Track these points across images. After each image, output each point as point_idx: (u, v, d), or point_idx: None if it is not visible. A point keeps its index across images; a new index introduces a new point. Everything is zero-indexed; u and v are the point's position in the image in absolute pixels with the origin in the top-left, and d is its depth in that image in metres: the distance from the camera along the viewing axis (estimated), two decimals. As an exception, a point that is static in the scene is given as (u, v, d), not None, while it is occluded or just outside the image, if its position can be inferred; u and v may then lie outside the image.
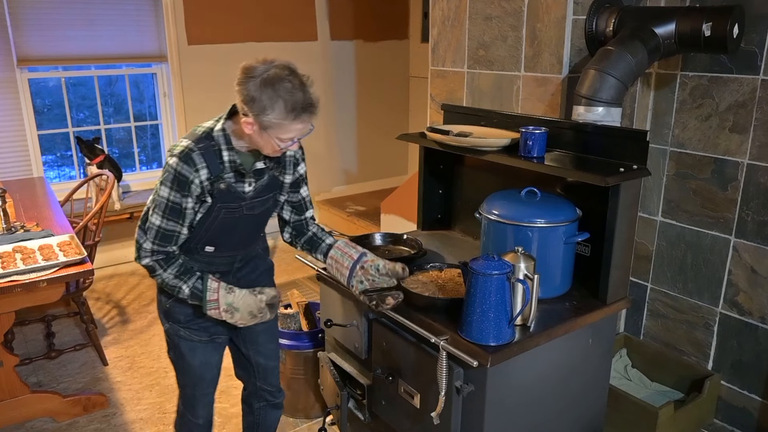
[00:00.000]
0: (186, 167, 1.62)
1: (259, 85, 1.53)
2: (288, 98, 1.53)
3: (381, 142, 5.70)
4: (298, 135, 1.62)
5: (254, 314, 1.74)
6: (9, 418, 2.59)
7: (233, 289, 1.74)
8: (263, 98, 1.52)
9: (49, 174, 4.68)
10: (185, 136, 1.68)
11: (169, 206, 1.65)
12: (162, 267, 1.70)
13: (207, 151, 1.64)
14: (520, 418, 1.78)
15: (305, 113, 1.57)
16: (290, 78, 1.55)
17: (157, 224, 1.67)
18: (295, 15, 4.97)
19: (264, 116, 1.54)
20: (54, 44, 4.15)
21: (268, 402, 2.08)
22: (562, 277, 1.87)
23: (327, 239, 1.93)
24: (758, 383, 2.46)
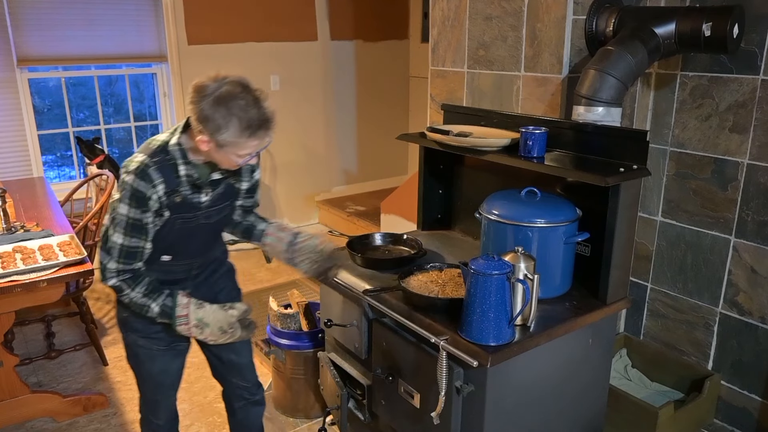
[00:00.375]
0: (143, 183, 1.61)
1: (212, 103, 1.51)
2: (242, 116, 1.52)
3: (381, 142, 5.70)
4: (255, 150, 1.61)
5: (224, 330, 1.74)
6: (9, 418, 2.59)
7: (203, 305, 1.74)
8: (217, 117, 1.51)
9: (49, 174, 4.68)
10: (140, 150, 1.67)
11: (130, 223, 1.63)
12: (130, 287, 1.68)
13: (163, 166, 1.63)
14: (520, 418, 1.79)
15: (261, 130, 1.56)
16: (243, 95, 1.53)
17: (119, 242, 1.64)
18: (295, 15, 4.97)
19: (219, 135, 1.53)
20: (54, 44, 4.15)
21: (248, 400, 2.07)
22: (562, 277, 1.87)
23: (260, 225, 1.93)
24: (758, 383, 2.46)
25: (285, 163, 5.22)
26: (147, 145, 1.67)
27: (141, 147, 1.68)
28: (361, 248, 2.27)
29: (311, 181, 5.44)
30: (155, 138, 1.70)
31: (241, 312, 1.76)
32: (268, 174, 5.15)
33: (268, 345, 2.67)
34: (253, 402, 2.09)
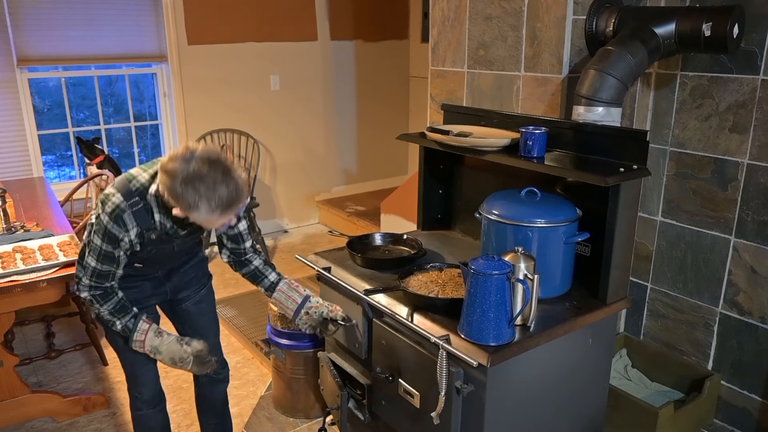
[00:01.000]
0: (116, 227, 1.68)
1: (181, 183, 1.54)
2: (211, 196, 1.55)
3: (381, 142, 5.70)
4: (221, 224, 1.66)
5: (175, 361, 1.85)
6: (9, 418, 2.59)
7: (161, 334, 1.86)
8: (187, 197, 1.55)
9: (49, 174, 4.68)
10: (118, 187, 1.70)
11: (103, 254, 1.73)
12: (99, 302, 1.80)
13: (138, 211, 1.68)
14: (520, 418, 1.79)
15: (230, 208, 1.60)
16: (211, 173, 1.55)
17: (92, 265, 1.75)
18: (295, 15, 4.97)
19: (190, 213, 1.58)
20: (54, 44, 4.15)
21: (211, 378, 2.17)
22: (562, 277, 1.88)
23: (270, 276, 2.04)
24: (758, 383, 2.46)
25: (285, 163, 5.22)
26: (126, 184, 1.70)
27: (119, 183, 1.71)
28: (361, 248, 2.27)
29: (311, 181, 5.44)
30: (135, 177, 1.72)
31: (195, 350, 1.86)
32: (268, 174, 5.16)
33: (268, 345, 2.67)
34: (217, 380, 2.20)
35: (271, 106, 5.01)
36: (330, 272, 2.15)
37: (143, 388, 2.05)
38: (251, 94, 4.87)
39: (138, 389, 2.06)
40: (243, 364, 3.17)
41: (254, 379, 3.04)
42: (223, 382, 2.23)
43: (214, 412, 2.28)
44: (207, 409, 2.28)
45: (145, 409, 2.09)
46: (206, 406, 2.27)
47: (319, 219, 5.57)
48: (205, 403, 2.27)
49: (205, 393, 2.24)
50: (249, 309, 3.73)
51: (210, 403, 2.26)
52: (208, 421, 2.30)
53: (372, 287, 1.97)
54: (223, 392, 2.26)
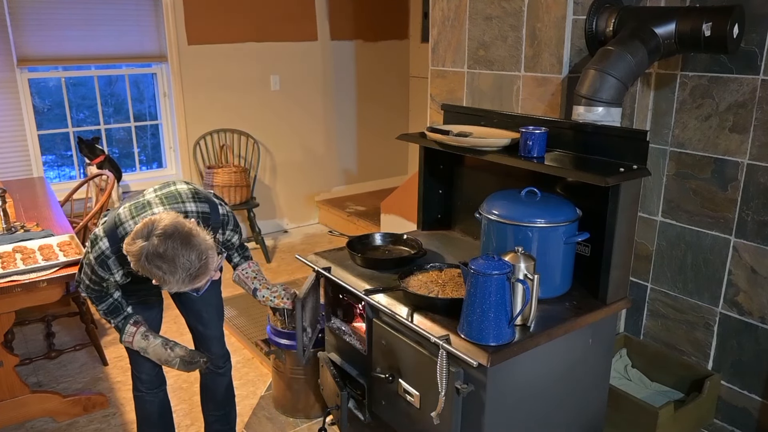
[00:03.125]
0: (101, 270, 1.79)
1: (144, 262, 1.60)
2: (173, 270, 1.60)
3: (381, 142, 5.70)
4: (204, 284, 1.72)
5: (161, 362, 1.99)
6: (9, 418, 2.59)
7: (148, 337, 1.97)
8: (154, 273, 1.62)
9: (49, 174, 4.68)
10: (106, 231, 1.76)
11: (93, 280, 1.85)
12: (94, 303, 1.94)
13: (123, 257, 1.71)
14: (520, 418, 1.79)
15: (197, 277, 1.65)
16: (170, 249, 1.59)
17: (86, 282, 1.88)
18: (295, 15, 4.97)
19: (162, 286, 1.66)
20: (54, 44, 4.15)
21: (212, 370, 2.25)
22: (562, 277, 1.87)
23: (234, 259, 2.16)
24: (758, 383, 2.46)
25: (285, 163, 5.22)
26: (113, 230, 1.76)
27: (108, 227, 1.77)
28: (361, 248, 2.27)
29: (311, 181, 5.44)
30: (123, 223, 1.77)
31: (178, 355, 1.97)
32: (268, 174, 5.16)
33: (268, 345, 2.67)
34: (218, 373, 2.27)
35: (271, 106, 5.01)
36: (330, 272, 2.16)
37: (141, 366, 2.11)
38: (251, 94, 4.87)
39: (138, 368, 2.12)
40: (243, 364, 3.17)
41: (254, 379, 3.04)
42: (223, 375, 2.28)
43: (215, 404, 2.32)
44: (209, 398, 2.32)
45: (144, 390, 2.16)
46: (208, 395, 2.32)
47: (319, 219, 5.57)
48: (207, 392, 2.32)
49: (207, 383, 2.30)
50: (249, 309, 3.73)
51: (212, 392, 2.31)
52: (209, 412, 2.34)
53: (372, 287, 1.97)
54: (224, 385, 2.30)
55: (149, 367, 2.12)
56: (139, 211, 1.79)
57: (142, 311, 2.05)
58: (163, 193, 1.85)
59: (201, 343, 2.22)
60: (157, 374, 2.17)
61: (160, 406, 2.22)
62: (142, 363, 2.10)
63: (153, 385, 2.17)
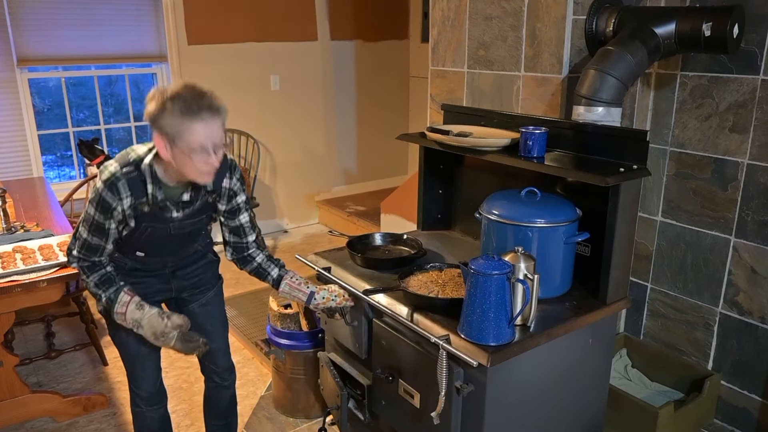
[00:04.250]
0: (110, 195, 1.69)
1: (157, 102, 1.61)
2: (182, 103, 1.60)
3: (381, 142, 5.70)
4: (205, 139, 1.63)
5: (156, 336, 1.81)
6: (9, 418, 2.59)
7: (143, 307, 1.82)
8: (163, 111, 1.60)
9: (49, 174, 4.68)
10: (117, 158, 1.74)
11: (94, 224, 1.74)
12: (86, 274, 1.82)
13: (132, 180, 1.70)
14: (520, 417, 1.79)
15: (203, 111, 1.61)
16: (184, 90, 1.62)
17: (84, 237, 1.77)
18: (295, 15, 4.97)
19: (164, 122, 1.60)
20: (54, 44, 4.15)
21: (216, 383, 2.20)
22: (562, 277, 1.87)
23: (273, 272, 2.02)
24: (758, 383, 2.46)
25: (285, 163, 5.22)
26: (125, 155, 1.74)
27: (119, 155, 1.76)
28: (361, 248, 2.27)
29: (311, 181, 5.44)
30: (135, 149, 1.76)
31: (175, 324, 1.82)
32: (268, 174, 5.16)
33: (268, 345, 2.67)
34: (222, 386, 2.22)
35: (271, 106, 5.01)
36: (330, 272, 2.16)
37: (142, 384, 2.06)
38: (251, 94, 4.87)
39: (137, 386, 2.06)
40: (243, 364, 3.17)
41: (254, 379, 3.04)
42: (227, 388, 2.24)
43: (217, 415, 2.29)
44: (211, 409, 2.29)
45: (144, 406, 2.09)
46: (210, 407, 2.29)
47: (319, 219, 5.57)
48: (210, 404, 2.29)
49: (210, 396, 2.26)
50: (249, 309, 3.74)
51: (215, 405, 2.28)
52: (211, 422, 2.31)
53: (372, 287, 1.97)
54: (227, 397, 2.26)
55: (149, 384, 2.06)
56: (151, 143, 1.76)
57: None
58: None
59: (205, 356, 2.13)
60: (158, 390, 2.10)
61: (161, 422, 2.15)
62: (143, 377, 2.04)
63: (153, 401, 2.09)
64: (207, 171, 1.68)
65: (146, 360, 2.03)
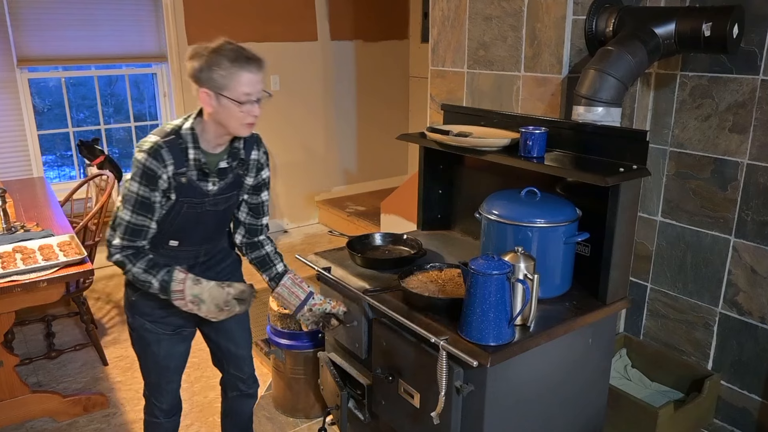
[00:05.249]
0: (154, 162, 1.67)
1: (203, 55, 1.64)
2: (230, 54, 1.63)
3: (381, 142, 5.70)
4: (251, 88, 1.66)
5: (221, 307, 1.76)
6: (9, 418, 2.59)
7: (200, 281, 1.76)
8: (209, 63, 1.63)
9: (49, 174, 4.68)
10: (154, 132, 1.74)
11: (139, 201, 1.69)
12: (131, 262, 1.73)
13: (173, 148, 1.70)
14: (520, 418, 1.79)
15: (250, 63, 1.65)
16: (230, 43, 1.67)
17: (126, 219, 1.71)
18: (295, 15, 4.97)
19: (213, 74, 1.62)
20: (54, 44, 4.15)
21: (241, 392, 2.13)
22: (562, 277, 1.87)
23: (278, 266, 2.00)
24: (758, 383, 2.46)
25: (285, 163, 5.22)
26: (161, 128, 1.74)
27: (155, 130, 1.75)
28: (361, 248, 2.27)
29: (311, 181, 5.44)
30: (171, 122, 1.77)
31: (238, 291, 1.79)
32: (268, 174, 5.15)
33: (268, 345, 2.67)
34: (246, 395, 2.15)
35: (271, 106, 5.00)
36: (330, 272, 2.16)
37: (164, 398, 2.00)
38: (251, 94, 4.86)
39: (159, 398, 2.00)
40: (243, 364, 3.17)
41: (254, 379, 3.04)
42: (253, 397, 2.17)
43: (240, 429, 2.21)
44: (233, 424, 2.20)
45: (162, 418, 2.03)
46: (234, 420, 2.20)
47: (319, 219, 5.57)
48: (231, 417, 2.19)
49: (233, 407, 2.17)
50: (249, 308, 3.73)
51: (238, 417, 2.19)
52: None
53: (372, 287, 1.97)
54: (250, 407, 2.19)
55: (172, 397, 2.01)
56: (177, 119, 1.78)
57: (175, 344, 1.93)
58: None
59: (231, 364, 2.08)
60: (178, 401, 2.06)
61: (174, 430, 2.10)
62: (166, 391, 1.99)
63: (172, 412, 2.05)
64: (249, 122, 1.70)
65: (174, 374, 1.99)
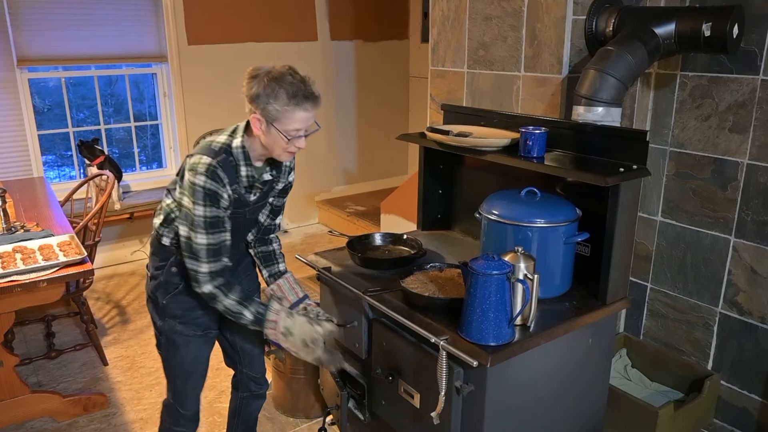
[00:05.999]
0: (214, 183, 1.68)
1: (262, 80, 1.64)
2: (289, 88, 1.63)
3: (381, 142, 5.70)
4: (302, 125, 1.69)
5: (306, 342, 1.80)
6: (9, 418, 2.59)
7: (293, 315, 1.82)
8: (267, 91, 1.63)
9: (49, 174, 4.68)
10: (201, 152, 1.71)
11: (209, 221, 1.69)
12: (224, 294, 1.74)
13: (226, 166, 1.71)
14: (520, 418, 1.79)
15: (307, 101, 1.66)
16: (291, 73, 1.66)
17: (204, 243, 1.70)
18: (295, 15, 4.97)
19: (269, 106, 1.64)
20: (54, 44, 4.15)
21: (252, 392, 2.16)
22: (562, 277, 1.88)
23: (281, 265, 2.04)
24: (758, 383, 2.46)
25: (285, 163, 5.21)
26: (208, 147, 1.73)
27: (201, 149, 1.73)
28: (361, 248, 2.27)
29: (311, 181, 5.44)
30: (213, 140, 1.76)
31: (326, 331, 1.83)
32: (268, 174, 5.15)
33: (268, 345, 2.67)
34: (257, 395, 2.17)
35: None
36: (330, 272, 2.16)
37: (189, 404, 2.00)
38: (251, 94, 4.86)
39: (183, 404, 1.99)
40: (243, 364, 3.17)
41: (254, 379, 3.04)
42: (262, 397, 2.20)
43: (246, 428, 2.22)
44: (240, 424, 2.21)
45: (187, 426, 2.02)
46: (242, 420, 2.20)
47: (319, 219, 5.57)
48: (240, 418, 2.20)
49: (242, 408, 2.18)
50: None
51: (246, 418, 2.20)
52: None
53: (372, 287, 1.97)
54: (259, 408, 2.22)
55: (195, 402, 2.02)
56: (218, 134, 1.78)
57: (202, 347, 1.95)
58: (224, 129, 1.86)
59: (244, 362, 2.11)
60: (199, 409, 2.06)
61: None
62: (190, 398, 1.99)
63: (195, 419, 2.05)
64: (293, 152, 1.74)
65: (200, 379, 2.00)
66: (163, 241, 1.84)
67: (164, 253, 1.85)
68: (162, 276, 1.85)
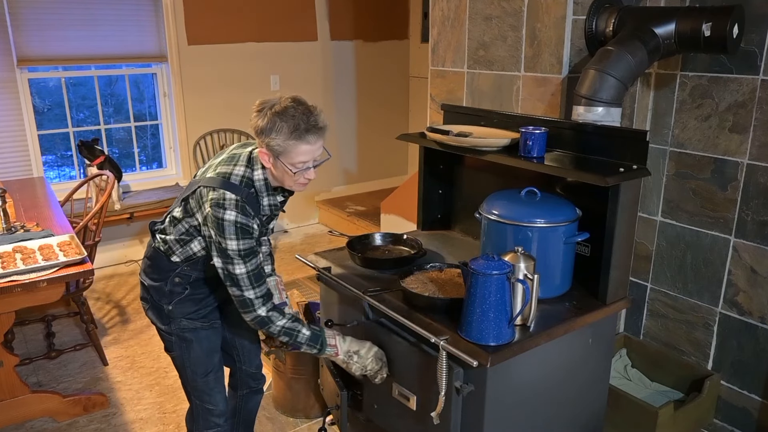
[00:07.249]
0: (245, 218, 1.71)
1: (266, 114, 1.67)
2: (291, 122, 1.65)
3: (381, 142, 5.70)
4: (308, 157, 1.72)
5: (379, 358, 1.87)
6: (9, 418, 2.59)
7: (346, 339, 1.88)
8: (270, 125, 1.65)
9: (49, 174, 4.68)
10: (221, 187, 1.71)
11: (244, 252, 1.71)
12: (273, 322, 1.77)
13: (250, 199, 1.75)
14: (520, 418, 1.79)
15: (309, 134, 1.67)
16: (294, 106, 1.67)
17: (245, 271, 1.72)
18: (295, 15, 4.97)
19: (271, 141, 1.66)
20: (54, 44, 4.15)
21: (251, 389, 2.18)
22: (562, 277, 1.87)
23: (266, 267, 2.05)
24: (758, 383, 2.46)
25: (285, 163, 5.21)
26: (225, 181, 1.73)
27: (216, 182, 1.73)
28: (361, 248, 2.27)
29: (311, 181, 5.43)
30: (230, 173, 1.75)
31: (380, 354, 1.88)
32: (268, 174, 5.15)
33: (266, 344, 2.67)
34: (256, 390, 2.20)
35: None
36: (330, 272, 2.15)
37: (218, 399, 2.00)
38: (251, 94, 4.86)
39: (213, 402, 2.00)
40: (243, 364, 3.17)
41: (254, 379, 3.04)
42: (260, 392, 2.24)
43: (246, 426, 2.24)
44: (241, 421, 2.22)
45: (222, 423, 2.03)
46: (242, 417, 2.22)
47: (319, 219, 5.57)
48: (241, 415, 2.22)
49: (243, 406, 2.21)
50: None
51: (246, 414, 2.23)
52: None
53: (372, 287, 1.97)
54: (258, 403, 2.25)
55: (223, 396, 2.02)
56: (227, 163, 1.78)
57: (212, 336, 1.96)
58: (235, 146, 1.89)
59: (242, 358, 2.13)
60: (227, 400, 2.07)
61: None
62: (217, 393, 1.99)
63: (228, 413, 2.06)
64: (304, 183, 1.80)
65: (220, 370, 2.02)
66: (172, 258, 1.86)
67: (168, 266, 1.87)
68: (166, 286, 1.88)
